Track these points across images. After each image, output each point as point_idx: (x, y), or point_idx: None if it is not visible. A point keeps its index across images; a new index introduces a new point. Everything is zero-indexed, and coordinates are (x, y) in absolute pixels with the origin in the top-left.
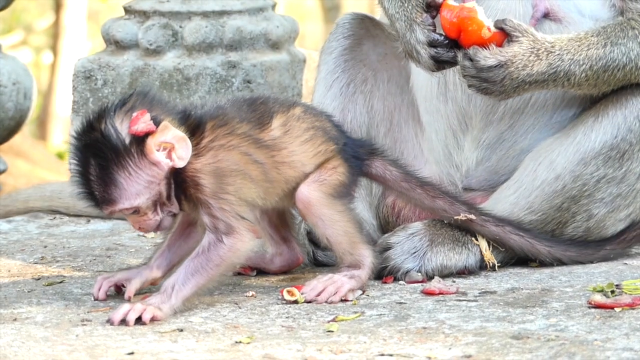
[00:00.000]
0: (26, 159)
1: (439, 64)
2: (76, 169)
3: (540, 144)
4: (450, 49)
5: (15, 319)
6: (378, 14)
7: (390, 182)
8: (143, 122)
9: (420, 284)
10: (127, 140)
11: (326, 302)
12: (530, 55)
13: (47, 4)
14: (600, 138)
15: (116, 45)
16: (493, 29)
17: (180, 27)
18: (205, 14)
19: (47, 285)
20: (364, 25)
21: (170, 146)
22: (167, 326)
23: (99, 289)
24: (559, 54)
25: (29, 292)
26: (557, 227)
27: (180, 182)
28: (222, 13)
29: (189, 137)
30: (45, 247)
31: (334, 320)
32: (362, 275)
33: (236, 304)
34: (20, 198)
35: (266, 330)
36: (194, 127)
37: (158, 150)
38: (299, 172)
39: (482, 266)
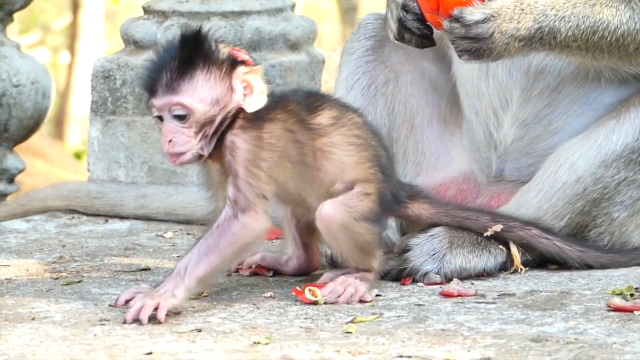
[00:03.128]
0: (44, 159)
1: (401, 31)
2: (157, 59)
3: (560, 147)
4: (418, 22)
5: (33, 319)
6: None
7: (422, 218)
8: (244, 53)
9: (438, 286)
10: (224, 54)
11: (345, 303)
12: (515, 8)
13: (65, 4)
14: (621, 140)
15: (135, 45)
16: None
17: (199, 27)
18: (224, 14)
19: (65, 285)
20: None
21: (250, 90)
22: (185, 326)
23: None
24: (542, 9)
25: (47, 291)
26: (579, 231)
27: (222, 140)
28: (241, 13)
29: None
30: (64, 246)
31: (352, 321)
32: (370, 277)
33: (254, 304)
34: (38, 197)
35: (284, 331)
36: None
37: (241, 83)
38: (335, 170)
39: (501, 268)
